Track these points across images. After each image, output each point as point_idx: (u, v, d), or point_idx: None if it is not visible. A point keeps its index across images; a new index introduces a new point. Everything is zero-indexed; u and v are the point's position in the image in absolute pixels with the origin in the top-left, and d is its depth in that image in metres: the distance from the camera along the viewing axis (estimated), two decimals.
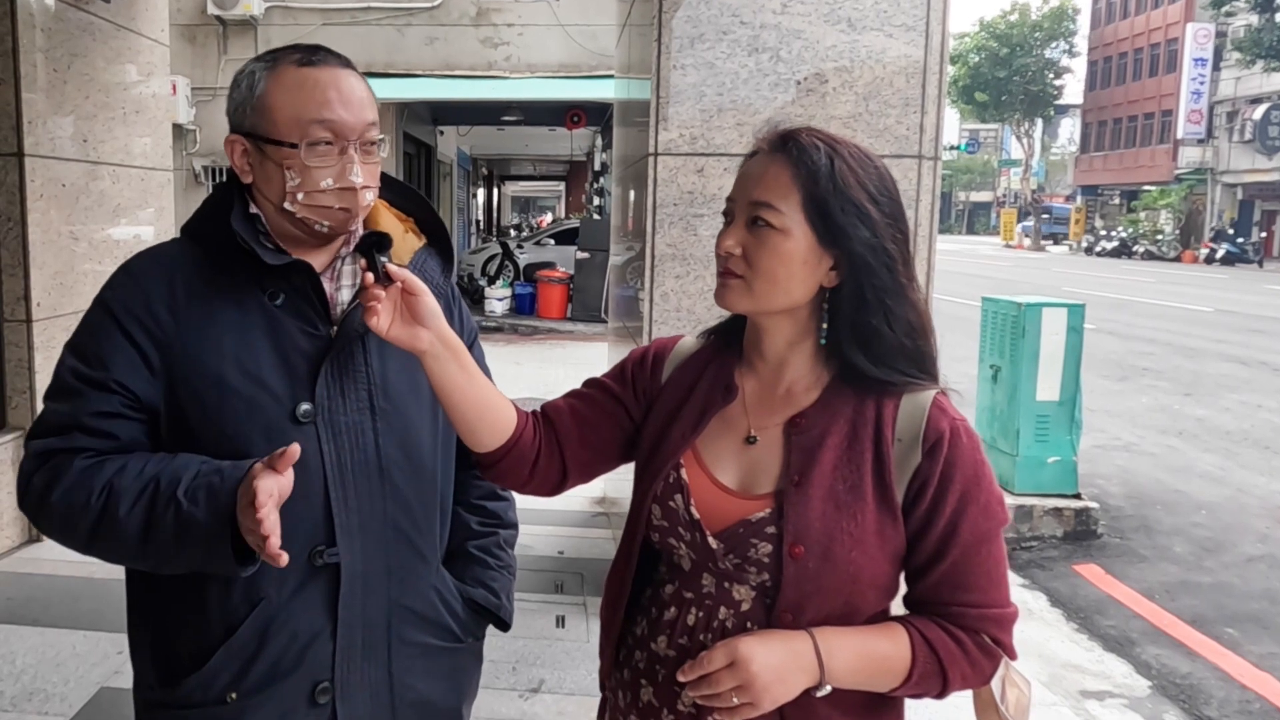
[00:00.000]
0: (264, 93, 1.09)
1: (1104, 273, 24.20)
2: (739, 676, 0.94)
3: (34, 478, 1.08)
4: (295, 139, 1.07)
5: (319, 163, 1.08)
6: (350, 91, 1.10)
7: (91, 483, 1.04)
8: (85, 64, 3.79)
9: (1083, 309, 4.63)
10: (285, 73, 1.10)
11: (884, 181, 1.02)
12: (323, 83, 1.09)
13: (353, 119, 1.09)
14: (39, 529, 1.13)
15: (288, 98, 1.08)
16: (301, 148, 1.07)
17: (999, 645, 1.02)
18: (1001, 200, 56.48)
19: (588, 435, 1.14)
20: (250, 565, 1.03)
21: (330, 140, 1.08)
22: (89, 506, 1.04)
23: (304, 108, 1.08)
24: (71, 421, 1.07)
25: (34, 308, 3.55)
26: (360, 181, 1.09)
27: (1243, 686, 3.12)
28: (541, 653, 2.84)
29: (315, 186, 1.08)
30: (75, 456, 1.06)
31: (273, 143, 1.08)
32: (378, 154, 1.13)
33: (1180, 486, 5.41)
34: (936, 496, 0.99)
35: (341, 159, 1.08)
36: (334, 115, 1.08)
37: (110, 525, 1.03)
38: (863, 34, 2.74)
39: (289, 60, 1.10)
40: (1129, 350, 10.37)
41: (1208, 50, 35.18)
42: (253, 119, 1.10)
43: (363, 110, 1.10)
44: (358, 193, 1.09)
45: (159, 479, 1.04)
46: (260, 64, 1.12)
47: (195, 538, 1.02)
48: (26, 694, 2.55)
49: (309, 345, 1.11)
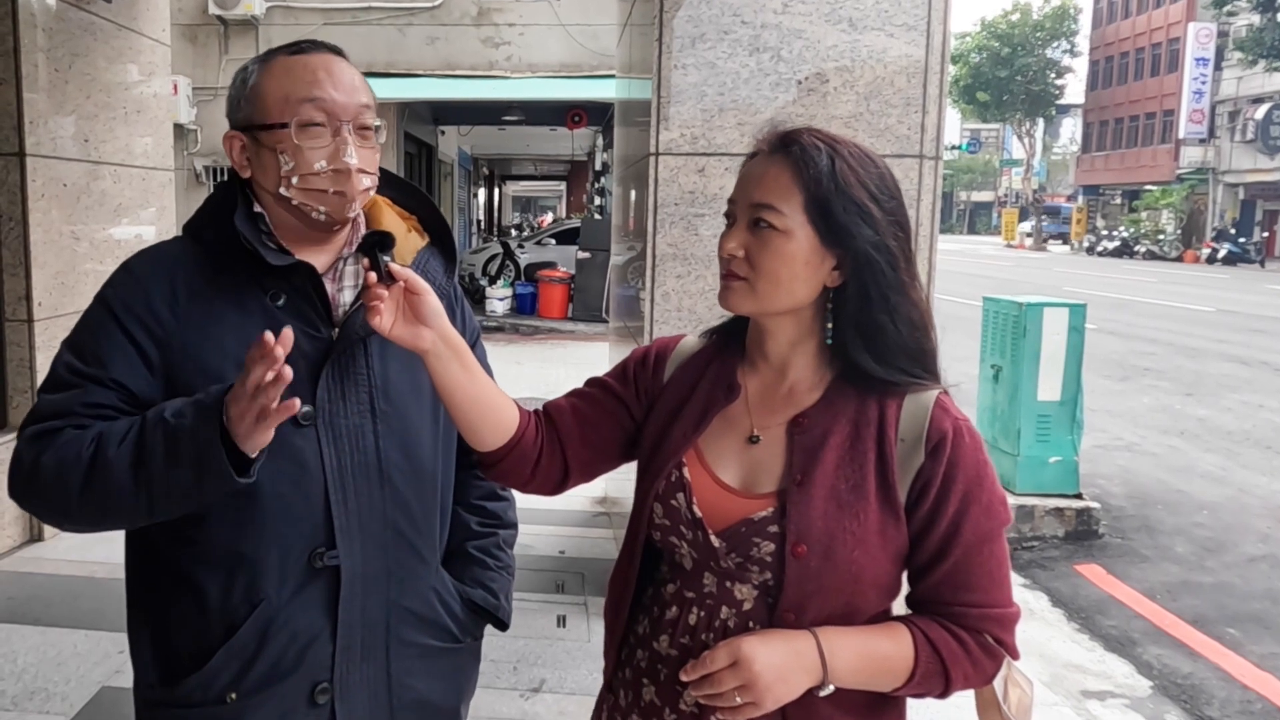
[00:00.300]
0: (256, 83, 1.10)
1: (1105, 272, 24.19)
2: (741, 676, 0.94)
3: (24, 456, 1.06)
4: (285, 119, 1.07)
5: (311, 143, 1.07)
6: (340, 74, 1.10)
7: (82, 437, 1.03)
8: (86, 64, 3.79)
9: (1084, 309, 4.63)
10: (276, 62, 1.11)
11: (885, 180, 1.02)
12: (311, 65, 1.10)
13: (344, 99, 1.09)
14: (29, 504, 1.08)
15: (277, 82, 1.09)
16: (292, 126, 1.07)
17: (1001, 645, 1.02)
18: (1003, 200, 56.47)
19: (589, 434, 1.14)
20: (246, 475, 0.98)
21: (322, 121, 1.08)
22: (80, 458, 1.01)
23: (293, 88, 1.08)
24: (65, 409, 1.06)
25: (35, 307, 3.55)
26: (355, 163, 1.08)
27: (1244, 687, 3.12)
28: (542, 652, 2.83)
29: (309, 169, 1.07)
30: (66, 430, 1.05)
31: (265, 128, 1.08)
32: (375, 140, 1.12)
33: (1182, 486, 5.41)
34: (939, 496, 0.99)
35: (335, 140, 1.08)
36: (324, 94, 1.08)
37: (102, 467, 1.01)
38: (864, 34, 2.74)
39: (280, 52, 1.12)
40: (1130, 350, 10.36)
41: (1209, 50, 35.15)
42: (246, 110, 1.11)
43: (354, 92, 1.10)
44: (352, 175, 1.08)
45: (145, 415, 1.03)
46: (255, 61, 1.13)
47: (185, 446, 0.98)
48: (28, 693, 2.55)
49: (310, 347, 1.11)
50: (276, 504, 1.09)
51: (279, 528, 1.09)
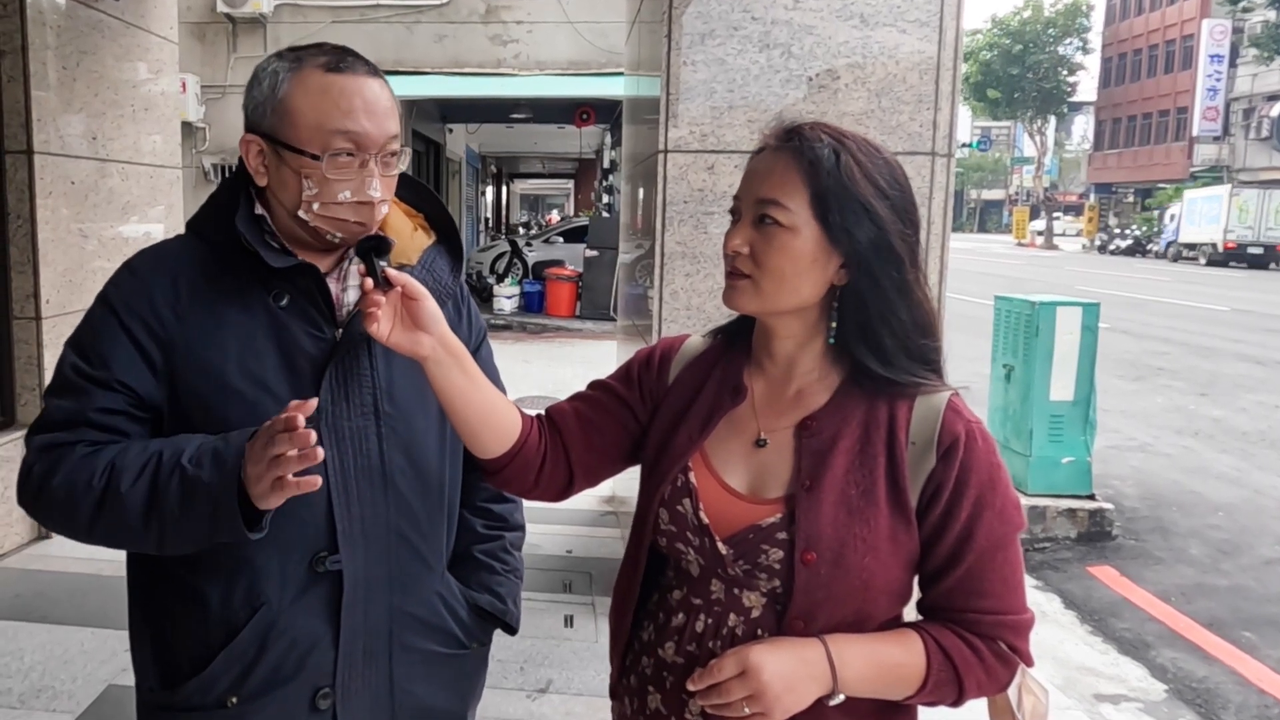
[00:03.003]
0: (287, 94, 1.06)
1: (1118, 271, 24.03)
2: (750, 686, 0.92)
3: (34, 468, 1.05)
4: (317, 149, 1.04)
5: (338, 175, 1.05)
6: (375, 101, 1.07)
7: (94, 464, 1.02)
8: (95, 61, 3.79)
9: (1097, 308, 4.58)
10: (310, 76, 1.05)
11: (894, 174, 1.00)
12: (349, 91, 1.05)
13: (376, 131, 1.06)
14: (37, 517, 1.10)
15: (311, 103, 1.04)
16: (324, 159, 1.04)
17: (1015, 652, 1.00)
18: (1014, 198, 56.17)
19: (593, 438, 1.12)
20: (258, 530, 1.00)
21: (352, 152, 1.05)
22: (91, 486, 1.01)
23: (328, 116, 1.04)
24: (78, 417, 1.05)
25: (43, 305, 3.56)
26: (378, 196, 1.07)
27: (1260, 691, 3.07)
28: (549, 653, 2.82)
29: (333, 199, 1.05)
30: (78, 446, 1.04)
31: (293, 150, 1.05)
32: (396, 165, 1.11)
33: (1196, 488, 5.35)
34: (951, 501, 0.97)
35: (361, 172, 1.06)
36: (358, 127, 1.05)
37: (114, 501, 1.01)
38: (875, 30, 2.71)
39: (314, 63, 1.06)
40: (1144, 350, 10.28)
41: (1224, 46, 34.87)
42: (272, 120, 1.06)
43: (386, 121, 1.07)
44: (374, 207, 1.07)
45: (162, 452, 1.02)
46: (284, 63, 1.08)
47: (201, 500, 0.99)
48: (34, 691, 2.55)
49: (313, 348, 1.09)
50: (278, 507, 1.07)
51: (280, 531, 1.07)
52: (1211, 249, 27.06)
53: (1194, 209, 28.34)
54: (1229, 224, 26.44)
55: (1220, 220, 26.68)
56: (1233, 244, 26.34)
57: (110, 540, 1.06)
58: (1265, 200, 26.19)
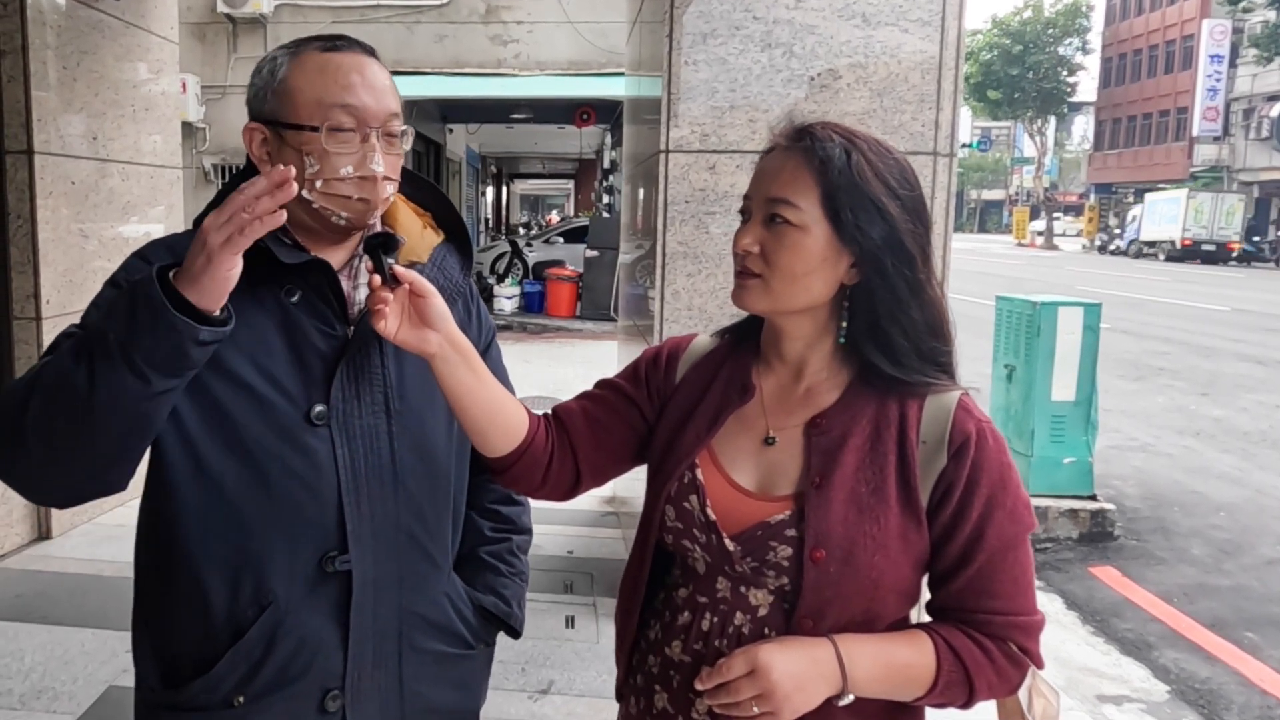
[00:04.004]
0: (285, 76, 1.06)
1: (1118, 271, 24.04)
2: (759, 685, 0.92)
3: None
4: (316, 122, 1.04)
5: (339, 149, 1.04)
6: (374, 78, 1.07)
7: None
8: (95, 61, 3.78)
9: (1099, 308, 4.58)
10: (308, 57, 1.07)
11: (904, 173, 0.99)
12: (346, 66, 1.06)
13: (375, 105, 1.06)
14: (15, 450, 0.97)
15: (309, 80, 1.05)
16: (322, 131, 1.03)
17: (1026, 654, 0.99)
18: (1014, 198, 56.17)
19: (601, 438, 1.11)
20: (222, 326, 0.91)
21: (352, 126, 1.05)
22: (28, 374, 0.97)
23: (326, 90, 1.04)
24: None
25: (43, 305, 3.55)
26: (381, 171, 1.06)
27: (1263, 692, 3.07)
28: (551, 653, 2.81)
29: (334, 174, 1.04)
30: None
31: (292, 127, 1.05)
32: (400, 146, 1.10)
33: (1198, 487, 5.35)
34: (962, 500, 0.96)
35: (363, 146, 1.05)
36: (357, 100, 1.04)
37: (45, 368, 0.95)
38: (877, 29, 2.71)
39: (312, 46, 1.08)
40: (1145, 350, 10.27)
41: (1224, 47, 34.88)
42: (273, 104, 1.07)
43: (386, 97, 1.07)
44: (378, 183, 1.06)
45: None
46: (283, 51, 1.09)
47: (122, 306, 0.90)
48: (35, 692, 2.54)
49: (325, 345, 1.09)
50: (288, 504, 1.06)
51: (290, 529, 1.07)
52: (1170, 246, 29.17)
53: (1155, 210, 30.44)
54: (1186, 224, 28.65)
55: (1179, 220, 28.89)
56: (1189, 241, 28.59)
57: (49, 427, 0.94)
58: (1218, 203, 28.66)
